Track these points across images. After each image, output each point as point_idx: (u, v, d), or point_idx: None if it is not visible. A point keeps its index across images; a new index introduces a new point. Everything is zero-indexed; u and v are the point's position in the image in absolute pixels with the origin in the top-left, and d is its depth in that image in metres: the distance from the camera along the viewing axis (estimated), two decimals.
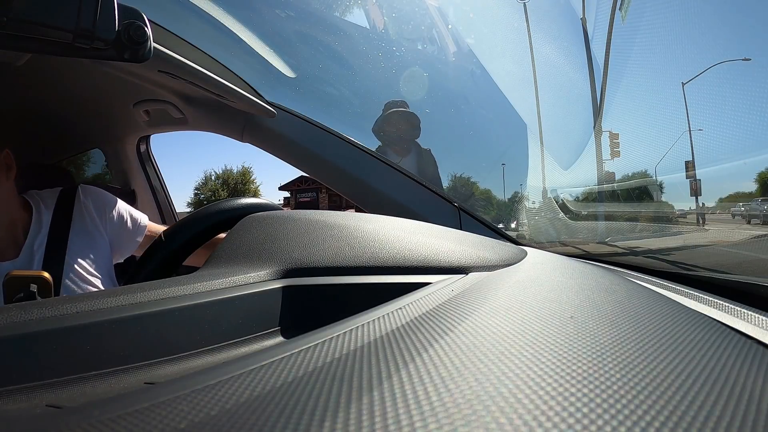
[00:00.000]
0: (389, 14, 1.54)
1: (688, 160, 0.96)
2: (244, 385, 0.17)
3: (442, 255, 0.42)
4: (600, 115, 1.27)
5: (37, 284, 0.44)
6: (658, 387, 0.17)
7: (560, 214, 1.26)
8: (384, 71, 1.43)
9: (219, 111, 1.22)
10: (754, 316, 0.33)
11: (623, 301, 0.30)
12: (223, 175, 27.95)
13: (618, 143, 1.23)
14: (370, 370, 0.18)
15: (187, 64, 0.85)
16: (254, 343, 0.35)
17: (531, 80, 1.39)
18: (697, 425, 0.15)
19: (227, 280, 0.36)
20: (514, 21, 1.50)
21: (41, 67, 1.05)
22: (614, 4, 1.14)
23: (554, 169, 1.34)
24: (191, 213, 0.67)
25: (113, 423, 0.14)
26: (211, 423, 0.14)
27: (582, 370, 0.18)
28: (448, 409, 0.15)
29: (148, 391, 0.17)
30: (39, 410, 0.23)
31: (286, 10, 1.42)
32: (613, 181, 1.26)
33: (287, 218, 0.50)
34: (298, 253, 0.42)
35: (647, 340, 0.22)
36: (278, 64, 1.29)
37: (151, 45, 0.45)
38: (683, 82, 0.99)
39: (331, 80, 1.46)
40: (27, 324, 0.26)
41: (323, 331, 0.24)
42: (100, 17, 0.39)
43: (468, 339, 0.21)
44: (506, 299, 0.29)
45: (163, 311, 0.30)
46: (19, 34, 0.37)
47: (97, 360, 0.27)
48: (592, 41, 1.30)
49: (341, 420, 0.14)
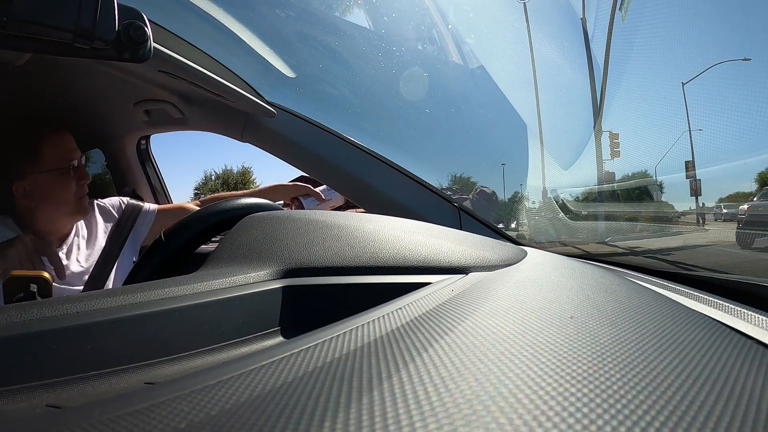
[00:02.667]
0: (389, 14, 1.54)
1: (688, 160, 0.96)
2: (244, 385, 0.17)
3: (442, 255, 0.42)
4: (600, 115, 1.27)
5: (37, 284, 0.44)
6: (658, 387, 0.17)
7: (560, 214, 1.26)
8: (384, 71, 1.43)
9: (219, 111, 1.22)
10: (754, 316, 0.33)
11: (623, 301, 0.30)
12: (223, 175, 27.93)
13: (618, 143, 1.23)
14: (370, 370, 0.18)
15: (187, 64, 0.85)
16: (254, 343, 0.35)
17: (531, 80, 1.39)
18: (697, 425, 0.15)
19: (227, 280, 0.36)
20: (514, 21, 1.50)
21: (41, 67, 1.05)
22: (614, 4, 1.14)
23: (554, 169, 1.34)
24: (191, 213, 0.67)
25: (113, 423, 0.14)
26: (211, 423, 0.14)
27: (582, 370, 0.18)
28: (448, 409, 0.15)
29: (148, 391, 0.17)
30: (39, 410, 0.23)
31: (286, 10, 1.42)
32: (613, 181, 1.26)
33: (287, 218, 0.50)
34: (298, 253, 0.42)
35: (647, 340, 0.22)
36: (278, 64, 1.29)
37: (151, 45, 0.45)
38: (683, 82, 0.99)
39: (331, 80, 1.45)
40: (27, 324, 0.26)
41: (323, 331, 0.24)
42: (100, 17, 0.39)
43: (468, 339, 0.21)
44: (506, 299, 0.29)
45: (163, 311, 0.30)
46: (19, 34, 0.37)
47: (97, 360, 0.27)
48: (592, 41, 1.30)
49: (341, 420, 0.14)
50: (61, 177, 0.94)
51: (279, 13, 1.40)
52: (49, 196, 0.93)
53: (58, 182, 0.94)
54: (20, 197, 0.92)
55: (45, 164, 0.93)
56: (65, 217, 0.98)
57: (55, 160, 0.94)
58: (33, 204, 0.93)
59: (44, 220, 0.95)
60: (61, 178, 0.94)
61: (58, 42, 0.39)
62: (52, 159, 0.94)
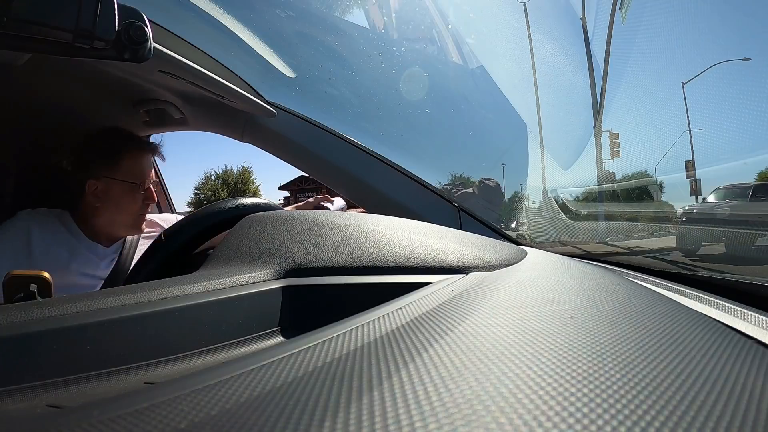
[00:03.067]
0: (389, 14, 1.54)
1: (688, 160, 0.96)
2: (244, 385, 0.17)
3: (442, 255, 0.42)
4: (600, 115, 1.27)
5: (37, 284, 0.44)
6: (658, 387, 0.17)
7: (560, 214, 1.26)
8: (384, 71, 1.43)
9: (219, 111, 1.22)
10: (754, 316, 0.33)
11: (623, 301, 0.30)
12: (223, 175, 27.96)
13: (618, 143, 1.23)
14: (370, 370, 0.18)
15: (187, 64, 0.85)
16: (254, 343, 0.35)
17: (531, 80, 1.39)
18: (697, 425, 0.15)
19: (227, 280, 0.36)
20: (514, 21, 1.50)
21: (41, 67, 1.05)
22: (614, 4, 1.14)
23: (554, 169, 1.34)
24: (191, 213, 0.67)
25: (113, 423, 0.14)
26: (211, 423, 0.14)
27: (582, 370, 0.18)
28: (448, 409, 0.15)
29: (148, 391, 0.17)
30: (39, 410, 0.23)
31: (286, 10, 1.42)
32: (613, 181, 1.26)
33: (287, 218, 0.50)
34: (298, 253, 0.42)
35: (647, 340, 0.22)
36: (278, 64, 1.29)
37: (151, 45, 0.45)
38: (683, 82, 0.99)
39: (331, 80, 1.45)
40: (27, 324, 0.26)
41: (323, 331, 0.24)
42: (100, 17, 0.39)
43: (468, 339, 0.21)
44: (506, 299, 0.29)
45: (163, 311, 0.30)
46: (19, 34, 0.37)
47: (97, 360, 0.27)
48: (592, 41, 1.31)
49: (341, 420, 0.14)
50: (131, 190, 1.02)
51: (279, 13, 1.40)
52: (116, 203, 1.01)
53: (127, 194, 1.02)
54: (90, 194, 1.00)
55: (121, 174, 1.01)
56: (122, 228, 1.06)
57: (131, 173, 1.03)
58: (99, 204, 1.01)
59: (104, 222, 1.03)
60: (130, 191, 1.02)
61: (58, 42, 0.39)
62: (128, 171, 1.02)
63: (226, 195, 25.60)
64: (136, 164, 1.04)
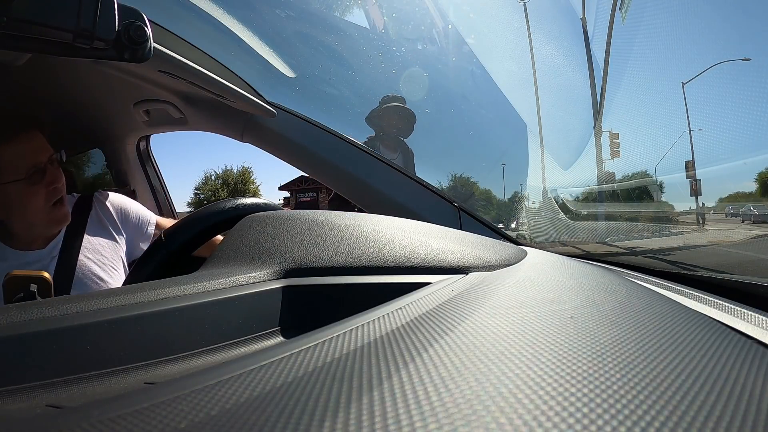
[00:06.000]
0: (389, 14, 1.54)
1: (688, 160, 0.96)
2: (244, 385, 0.17)
3: (442, 255, 0.42)
4: (600, 115, 1.27)
5: (37, 284, 0.44)
6: (658, 387, 0.17)
7: (560, 214, 1.26)
8: (384, 71, 1.43)
9: (219, 111, 1.22)
10: (754, 316, 0.33)
11: (623, 301, 0.30)
12: (223, 175, 27.96)
13: (618, 143, 1.23)
14: (370, 370, 0.18)
15: (187, 64, 0.85)
16: (254, 343, 0.35)
17: (531, 80, 1.39)
18: (697, 425, 0.15)
19: (227, 280, 0.36)
20: (514, 21, 1.50)
21: (41, 67, 1.05)
22: (614, 4, 1.14)
23: (554, 169, 1.34)
24: (191, 213, 0.67)
25: (113, 423, 0.14)
26: (211, 423, 0.14)
27: (582, 370, 0.18)
28: (448, 409, 0.15)
29: (148, 391, 0.17)
30: (39, 410, 0.23)
31: (286, 10, 1.42)
32: (613, 181, 1.26)
33: (287, 218, 0.50)
34: (298, 253, 0.42)
35: (647, 340, 0.22)
36: (278, 64, 1.29)
37: (151, 45, 0.45)
38: (683, 82, 0.99)
39: (331, 80, 1.46)
40: (27, 324, 0.26)
41: (323, 331, 0.24)
42: (100, 17, 0.39)
43: (468, 339, 0.21)
44: (506, 299, 0.29)
45: (163, 311, 0.30)
46: (19, 34, 0.37)
47: (97, 360, 0.27)
48: (592, 41, 1.31)
49: (341, 420, 0.14)
50: (25, 186, 0.83)
51: (279, 13, 1.40)
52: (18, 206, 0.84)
53: (23, 192, 0.83)
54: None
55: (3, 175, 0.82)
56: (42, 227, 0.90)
57: (11, 169, 0.82)
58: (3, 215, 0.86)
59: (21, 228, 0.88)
60: (25, 188, 0.83)
61: (58, 42, 0.39)
62: (10, 168, 0.82)
63: (226, 195, 25.60)
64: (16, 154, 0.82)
